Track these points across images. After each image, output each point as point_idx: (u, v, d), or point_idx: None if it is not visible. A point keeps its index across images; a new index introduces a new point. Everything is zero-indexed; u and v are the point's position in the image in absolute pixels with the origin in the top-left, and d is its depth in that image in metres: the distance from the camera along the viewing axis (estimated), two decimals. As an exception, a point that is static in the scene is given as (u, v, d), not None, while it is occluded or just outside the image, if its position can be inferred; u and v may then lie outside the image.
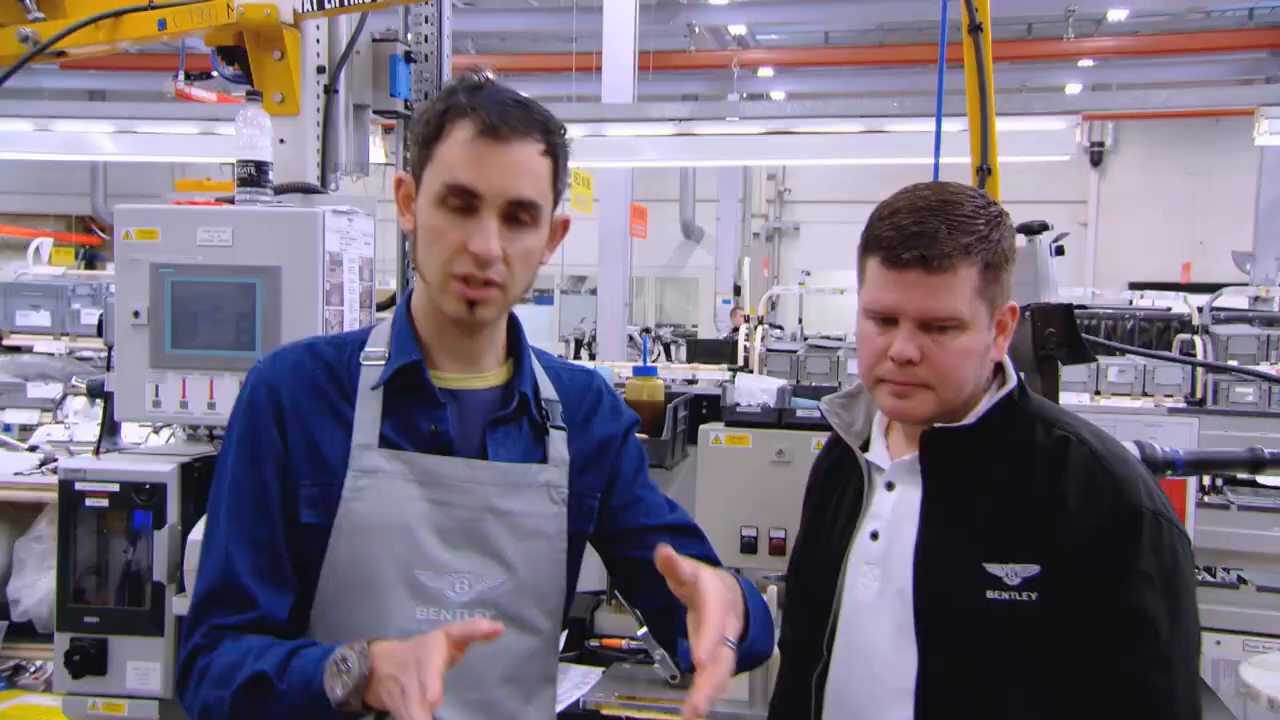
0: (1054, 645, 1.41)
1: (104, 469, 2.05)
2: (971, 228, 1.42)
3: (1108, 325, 7.74)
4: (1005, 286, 1.47)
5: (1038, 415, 1.51)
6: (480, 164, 1.33)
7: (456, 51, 2.57)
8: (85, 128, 8.26)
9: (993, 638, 1.42)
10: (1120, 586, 1.40)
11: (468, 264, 1.34)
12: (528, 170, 1.35)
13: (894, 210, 1.45)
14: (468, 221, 1.34)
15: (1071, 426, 1.50)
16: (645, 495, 1.56)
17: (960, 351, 1.44)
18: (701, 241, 18.11)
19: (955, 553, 1.45)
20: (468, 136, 1.33)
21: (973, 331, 1.44)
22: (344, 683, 1.21)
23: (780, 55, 15.13)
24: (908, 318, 1.43)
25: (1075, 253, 17.03)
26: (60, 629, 2.03)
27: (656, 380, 2.42)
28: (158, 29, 2.29)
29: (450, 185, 1.34)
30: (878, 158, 5.66)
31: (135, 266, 2.08)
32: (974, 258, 1.42)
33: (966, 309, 1.42)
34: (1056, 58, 13.88)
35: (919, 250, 1.41)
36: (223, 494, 1.41)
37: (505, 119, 1.33)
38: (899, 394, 1.47)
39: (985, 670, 1.43)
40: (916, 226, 1.41)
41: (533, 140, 1.35)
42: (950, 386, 1.46)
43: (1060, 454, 1.45)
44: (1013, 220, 1.53)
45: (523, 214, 1.36)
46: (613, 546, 1.55)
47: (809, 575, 1.64)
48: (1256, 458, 1.93)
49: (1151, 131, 16.38)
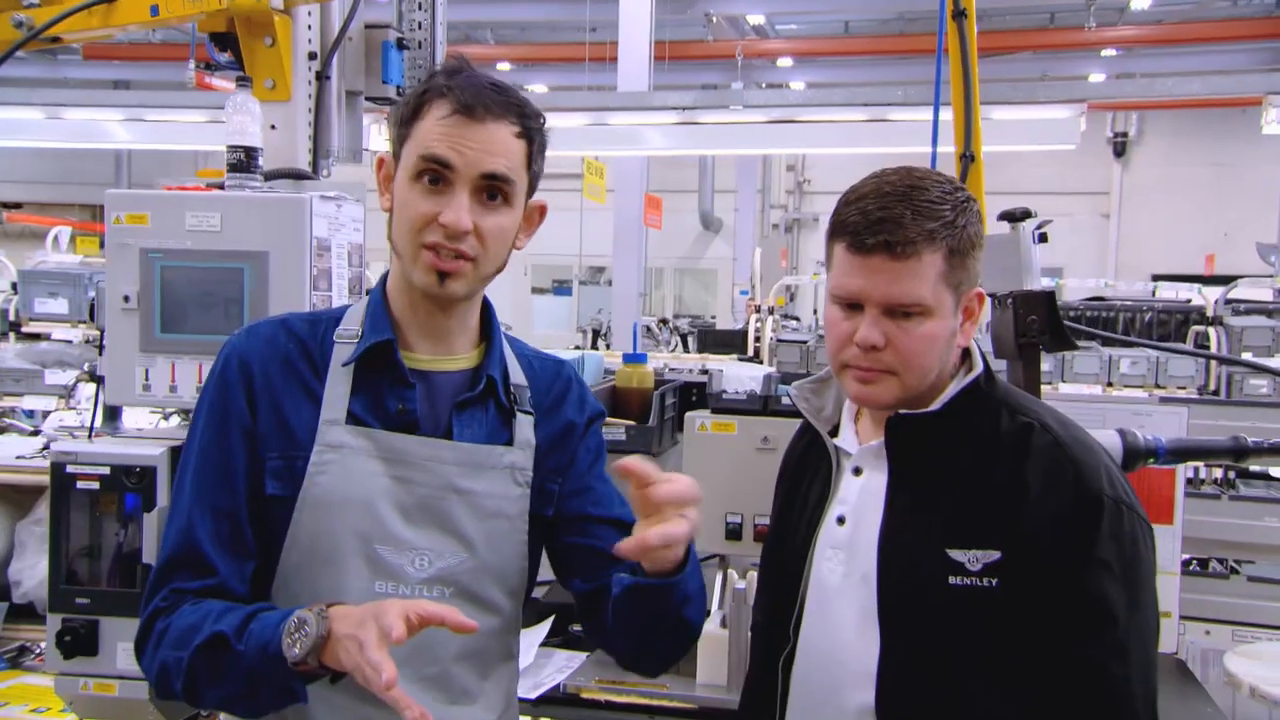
0: (1013, 631, 1.42)
1: (94, 452, 2.07)
2: (937, 213, 1.42)
3: (1125, 317, 7.66)
4: (972, 272, 1.47)
5: (1003, 401, 1.51)
6: (455, 139, 1.37)
7: (474, 41, 2.58)
8: (104, 116, 8.33)
9: (954, 623, 1.43)
10: (1079, 573, 1.40)
11: (437, 234, 1.38)
12: (501, 147, 1.39)
13: (860, 195, 1.45)
14: (440, 195, 1.38)
15: (1036, 413, 1.50)
16: (596, 485, 1.57)
17: (925, 337, 1.44)
18: (720, 232, 18.07)
19: (919, 538, 1.46)
20: (444, 114, 1.38)
21: (938, 317, 1.44)
22: (302, 643, 1.24)
23: (799, 45, 15.02)
24: (872, 303, 1.44)
25: (1097, 244, 16.90)
26: (52, 610, 2.05)
27: (646, 367, 2.42)
28: (150, 15, 2.30)
29: (424, 157, 1.38)
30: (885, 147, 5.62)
31: (125, 251, 2.10)
32: (939, 243, 1.42)
33: (931, 295, 1.43)
34: (1078, 47, 13.73)
35: (883, 236, 1.41)
36: (190, 461, 1.44)
37: (481, 99, 1.38)
38: (864, 379, 1.47)
39: (945, 655, 1.44)
40: (881, 212, 1.42)
41: (507, 121, 1.40)
42: (914, 372, 1.46)
43: (1024, 440, 1.46)
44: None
45: (495, 190, 1.40)
46: (554, 531, 1.56)
47: (778, 560, 1.65)
48: (1240, 446, 1.91)
49: (1175, 122, 16.19)
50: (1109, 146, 16.82)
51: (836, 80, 15.04)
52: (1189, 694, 2.04)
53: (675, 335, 10.65)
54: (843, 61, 15.31)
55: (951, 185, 1.47)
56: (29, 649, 2.83)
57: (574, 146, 6.57)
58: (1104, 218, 16.98)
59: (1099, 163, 16.73)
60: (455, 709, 1.45)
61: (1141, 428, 1.99)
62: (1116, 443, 1.86)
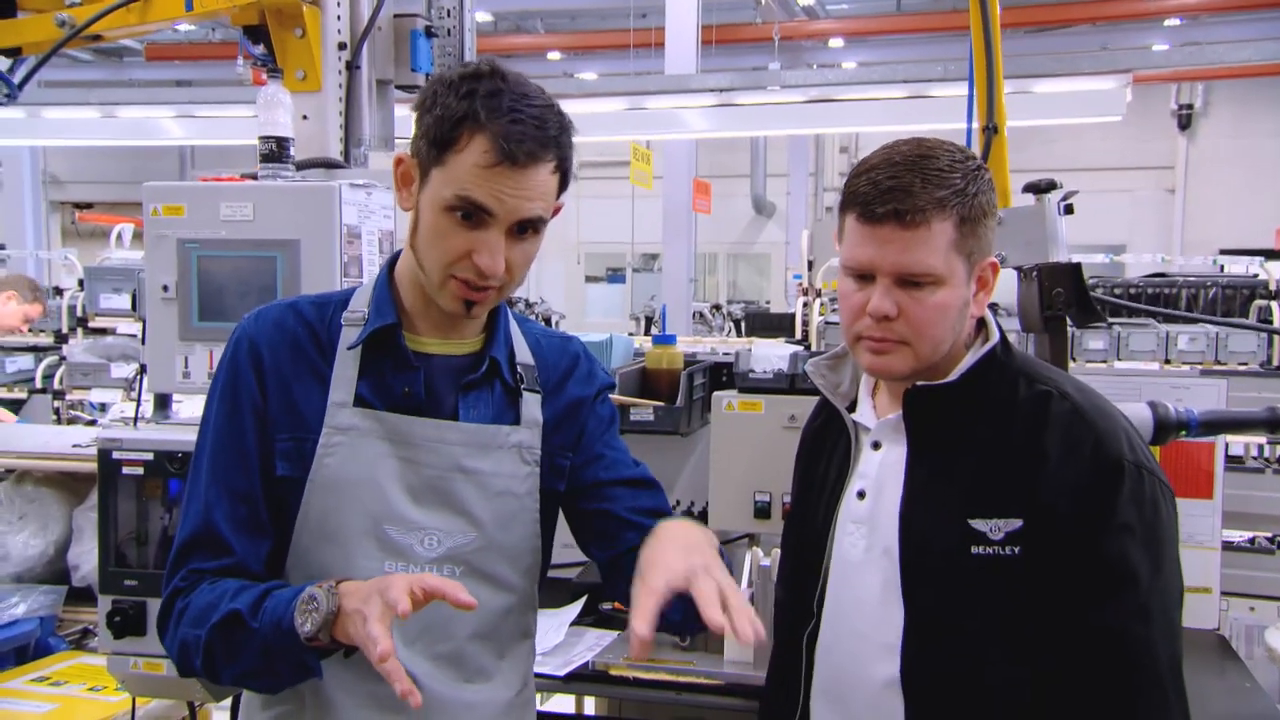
0: (1035, 599, 1.42)
1: (139, 438, 2.13)
2: (947, 181, 1.41)
3: (1188, 293, 7.47)
4: (984, 241, 1.46)
5: (1020, 370, 1.50)
6: (495, 186, 1.34)
7: (524, 31, 2.58)
8: (160, 113, 8.52)
9: (976, 592, 1.43)
10: (1100, 538, 1.39)
11: (470, 271, 1.38)
12: (539, 191, 1.37)
13: (870, 166, 1.45)
14: (474, 232, 1.36)
15: (1054, 381, 1.49)
16: (606, 452, 1.58)
17: (937, 307, 1.43)
18: (773, 216, 17.95)
19: (939, 509, 1.46)
20: (485, 159, 1.33)
21: (949, 286, 1.43)
22: (313, 620, 1.27)
23: (850, 25, 14.82)
24: (884, 273, 1.43)
25: (1161, 220, 16.46)
26: (103, 592, 2.12)
27: (675, 349, 2.42)
28: (185, 9, 2.35)
29: (463, 198, 1.35)
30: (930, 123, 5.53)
31: (163, 242, 2.16)
32: (949, 211, 1.40)
33: (942, 264, 1.41)
34: (1139, 17, 13.34)
35: (893, 205, 1.40)
36: (205, 444, 1.47)
37: (523, 144, 1.33)
38: (877, 350, 1.46)
39: (968, 625, 1.44)
40: (891, 181, 1.41)
41: (545, 160, 1.36)
42: (927, 342, 1.45)
43: (1042, 408, 1.45)
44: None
45: (528, 227, 1.39)
46: (572, 500, 1.57)
47: (799, 536, 1.65)
48: (1275, 417, 1.86)
49: (1243, 91, 15.67)
50: (1173, 119, 16.36)
51: (888, 59, 14.80)
52: (1228, 669, 2.00)
53: (729, 321, 10.62)
54: (894, 40, 15.07)
55: (962, 154, 1.46)
56: (91, 631, 2.92)
57: (615, 131, 6.56)
58: (1169, 192, 16.53)
59: (1163, 136, 16.28)
60: (471, 687, 1.47)
61: (1178, 400, 1.95)
62: (1146, 415, 1.82)
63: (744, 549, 2.27)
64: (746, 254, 18.88)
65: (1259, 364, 5.85)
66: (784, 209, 17.28)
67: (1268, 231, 14.90)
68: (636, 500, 1.55)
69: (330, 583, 1.30)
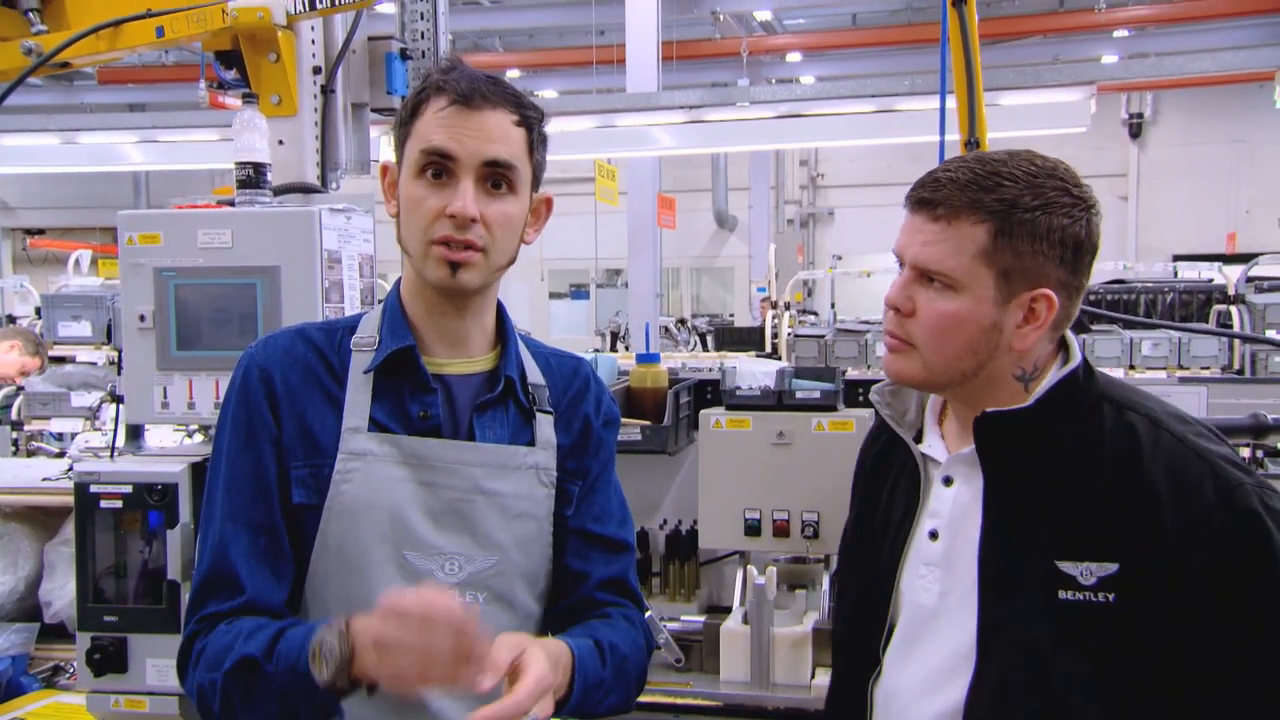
0: (1133, 651, 1.30)
1: (117, 471, 2.10)
2: (996, 187, 1.31)
3: (1146, 299, 7.59)
4: (1034, 266, 1.32)
5: (1105, 395, 1.38)
6: (454, 128, 1.38)
7: (483, 49, 2.60)
8: (119, 139, 8.41)
9: (1062, 641, 1.32)
10: (1263, 578, 1.27)
11: (446, 226, 1.38)
12: (500, 134, 1.40)
13: (951, 159, 1.39)
14: (445, 187, 1.39)
15: (1144, 407, 1.37)
16: (599, 499, 1.56)
17: (944, 315, 1.33)
18: (735, 230, 18.05)
19: (1022, 550, 1.34)
20: (442, 106, 1.39)
21: (966, 297, 1.32)
22: (328, 667, 1.24)
23: (807, 39, 14.99)
24: (905, 262, 1.37)
25: (1116, 227, 16.72)
26: (81, 629, 2.08)
27: (660, 367, 2.42)
28: (156, 36, 2.32)
29: (426, 150, 1.38)
30: (895, 137, 5.58)
31: (139, 270, 2.13)
32: (983, 215, 1.30)
33: (962, 269, 1.31)
34: (1089, 29, 13.61)
35: (928, 194, 1.33)
36: (219, 478, 1.44)
37: (476, 89, 1.39)
38: (891, 348, 1.40)
39: (1048, 676, 1.33)
40: (945, 173, 1.34)
41: (505, 109, 1.40)
42: (933, 350, 1.35)
43: (1135, 439, 1.32)
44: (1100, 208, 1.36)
45: (499, 177, 1.40)
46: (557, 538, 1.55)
47: (860, 575, 1.56)
48: (1259, 424, 1.90)
49: (1190, 100, 16.03)
50: (1124, 128, 16.68)
51: (846, 73, 14.99)
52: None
53: (694, 335, 10.65)
54: (852, 54, 15.24)
55: (1050, 172, 1.34)
56: (62, 668, 2.85)
57: (583, 149, 6.58)
58: (1121, 200, 16.83)
59: (1115, 145, 16.59)
60: None
61: (1159, 409, 1.97)
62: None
63: (736, 566, 2.27)
64: (709, 268, 18.97)
65: (1220, 368, 5.96)
66: (746, 222, 17.40)
67: (1218, 237, 15.23)
68: (609, 569, 1.53)
69: (341, 623, 1.27)
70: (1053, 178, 1.34)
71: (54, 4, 2.45)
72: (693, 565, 2.41)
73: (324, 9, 2.27)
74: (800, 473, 2.11)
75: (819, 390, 2.16)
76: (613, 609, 1.53)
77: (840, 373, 2.22)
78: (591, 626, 1.48)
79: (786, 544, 2.15)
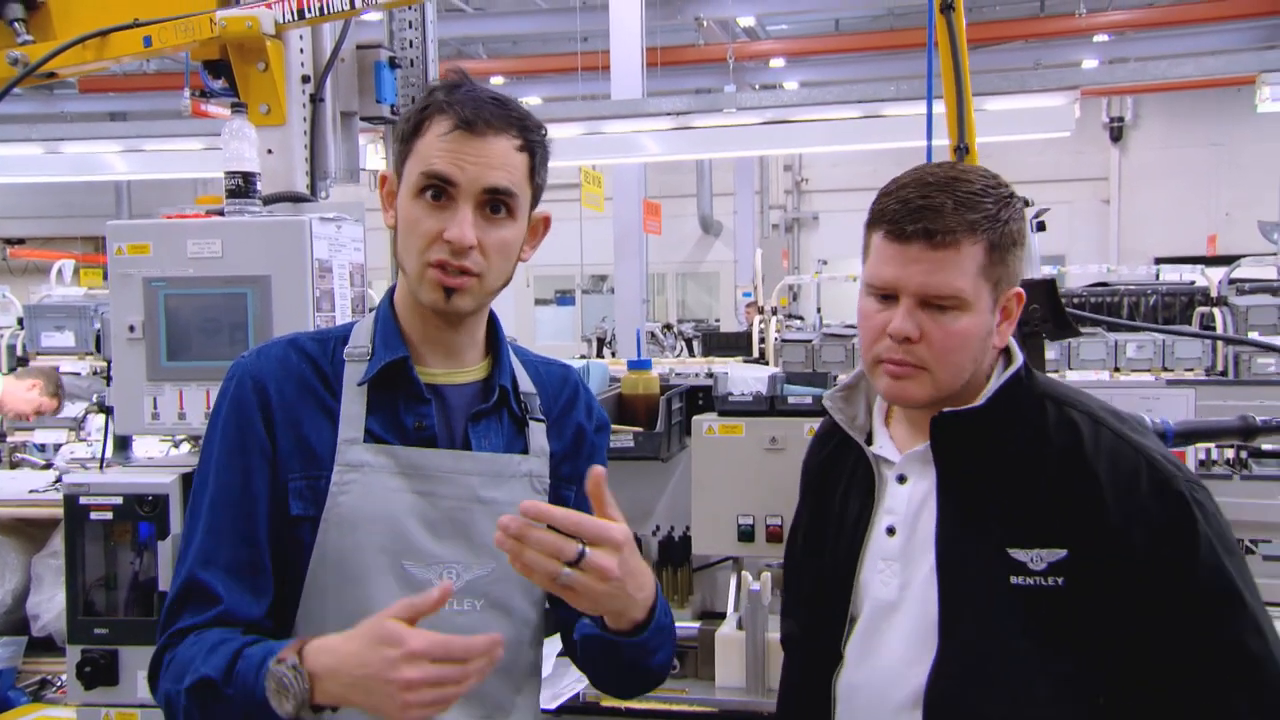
0: (1082, 632, 1.38)
1: (107, 482, 2.09)
2: (980, 205, 1.39)
3: (1130, 302, 7.64)
4: (1011, 270, 1.43)
5: (1046, 393, 1.47)
6: (456, 154, 1.37)
7: (466, 56, 2.60)
8: (101, 148, 8.39)
9: (1014, 624, 1.39)
10: (1190, 559, 1.35)
11: (443, 251, 1.38)
12: (502, 160, 1.39)
13: (901, 185, 1.43)
14: (444, 211, 1.38)
15: (1083, 405, 1.46)
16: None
17: (960, 334, 1.40)
18: (720, 235, 18.09)
19: (976, 540, 1.41)
20: (444, 129, 1.38)
21: (974, 313, 1.40)
22: (289, 702, 1.23)
23: (790, 45, 15.06)
24: (908, 294, 1.40)
25: (1098, 230, 16.86)
26: (71, 641, 2.07)
27: (651, 374, 2.43)
28: (144, 46, 2.31)
29: (427, 174, 1.38)
30: (880, 142, 5.61)
31: (128, 281, 2.12)
32: (979, 235, 1.38)
33: (969, 288, 1.38)
34: (1070, 34, 13.73)
35: (924, 224, 1.37)
36: (205, 487, 1.43)
37: (481, 114, 1.38)
38: (896, 375, 1.43)
39: (1003, 658, 1.39)
40: (922, 200, 1.38)
41: (508, 135, 1.40)
42: (947, 369, 1.41)
43: (1075, 434, 1.41)
44: (1034, 201, 1.50)
45: (498, 203, 1.40)
46: None
47: (816, 574, 1.59)
48: (1248, 425, 1.91)
49: (1171, 104, 16.17)
50: (1105, 132, 16.80)
51: (829, 79, 15.06)
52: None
53: (680, 340, 10.66)
54: (835, 60, 15.33)
55: (995, 180, 1.44)
56: (50, 682, 2.84)
57: (570, 156, 6.59)
58: (1104, 203, 16.96)
59: (1096, 148, 16.71)
60: None
61: (1150, 411, 1.99)
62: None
63: (730, 572, 2.27)
64: (695, 273, 19.00)
65: (1204, 370, 6.01)
66: (731, 228, 17.44)
67: (1199, 239, 15.35)
68: None
69: (292, 657, 1.24)
70: (1000, 185, 1.44)
71: (40, 14, 2.44)
72: (686, 571, 2.42)
73: (313, 18, 2.26)
74: (793, 478, 2.09)
75: (810, 395, 2.17)
76: None
77: (831, 378, 2.23)
78: None
79: (779, 549, 2.14)
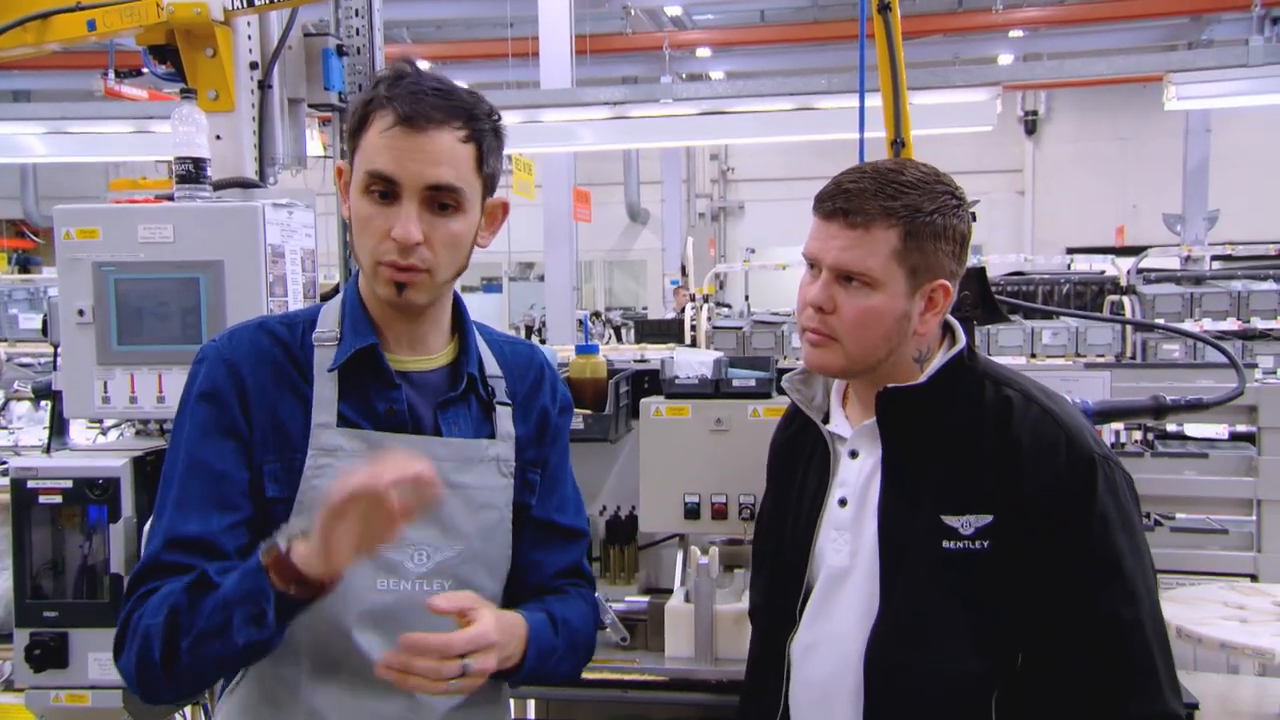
0: (1005, 592, 1.48)
1: (56, 466, 2.09)
2: (901, 195, 1.48)
3: (1044, 290, 7.94)
4: (933, 261, 1.51)
5: (985, 374, 1.58)
6: (397, 151, 1.38)
7: (391, 41, 2.60)
8: (11, 129, 8.12)
9: (943, 586, 1.49)
10: (1084, 528, 1.47)
11: (392, 250, 1.40)
12: (446, 156, 1.38)
13: (844, 172, 1.54)
14: (391, 208, 1.39)
15: (1019, 384, 1.57)
16: (560, 488, 1.63)
17: (868, 309, 1.50)
18: (648, 223, 18.17)
19: (914, 507, 1.52)
20: (386, 126, 1.37)
21: (883, 293, 1.50)
22: (283, 537, 1.28)
23: (717, 35, 15.17)
24: (825, 266, 1.52)
25: (1013, 220, 17.36)
26: (20, 625, 2.06)
27: (598, 358, 2.49)
28: (87, 30, 2.30)
29: (370, 173, 1.39)
30: (810, 134, 5.74)
31: (77, 266, 2.11)
32: (894, 221, 1.48)
33: (879, 268, 1.48)
34: (987, 29, 14.08)
35: (841, 204, 1.49)
36: (176, 468, 1.44)
37: (421, 109, 1.37)
38: (813, 342, 1.55)
39: (933, 618, 1.50)
40: (851, 184, 1.50)
41: (450, 128, 1.39)
42: (856, 343, 1.52)
43: (1009, 409, 1.52)
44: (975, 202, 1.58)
45: (444, 199, 1.41)
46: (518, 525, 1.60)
47: (777, 545, 1.69)
48: (1160, 405, 2.06)
49: (1082, 99, 16.69)
50: (1020, 125, 17.29)
51: (756, 69, 15.22)
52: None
53: (608, 328, 10.72)
54: (761, 50, 15.47)
55: (934, 176, 1.53)
56: (-11, 673, 2.79)
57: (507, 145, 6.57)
58: (1019, 194, 17.45)
59: (1011, 141, 17.17)
60: (460, 699, 1.48)
61: (1070, 392, 2.12)
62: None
63: (676, 549, 2.35)
64: (622, 261, 19.06)
65: (1114, 355, 6.27)
66: (658, 216, 17.52)
67: (1109, 230, 15.90)
68: (567, 557, 1.62)
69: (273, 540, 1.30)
70: (940, 183, 1.53)
71: (-22, -6, 2.41)
72: (632, 549, 2.49)
73: (261, 5, 2.28)
74: (737, 457, 2.19)
75: (754, 378, 2.25)
76: (569, 588, 1.61)
77: (774, 362, 2.32)
78: (546, 601, 1.56)
79: (724, 526, 2.23)
